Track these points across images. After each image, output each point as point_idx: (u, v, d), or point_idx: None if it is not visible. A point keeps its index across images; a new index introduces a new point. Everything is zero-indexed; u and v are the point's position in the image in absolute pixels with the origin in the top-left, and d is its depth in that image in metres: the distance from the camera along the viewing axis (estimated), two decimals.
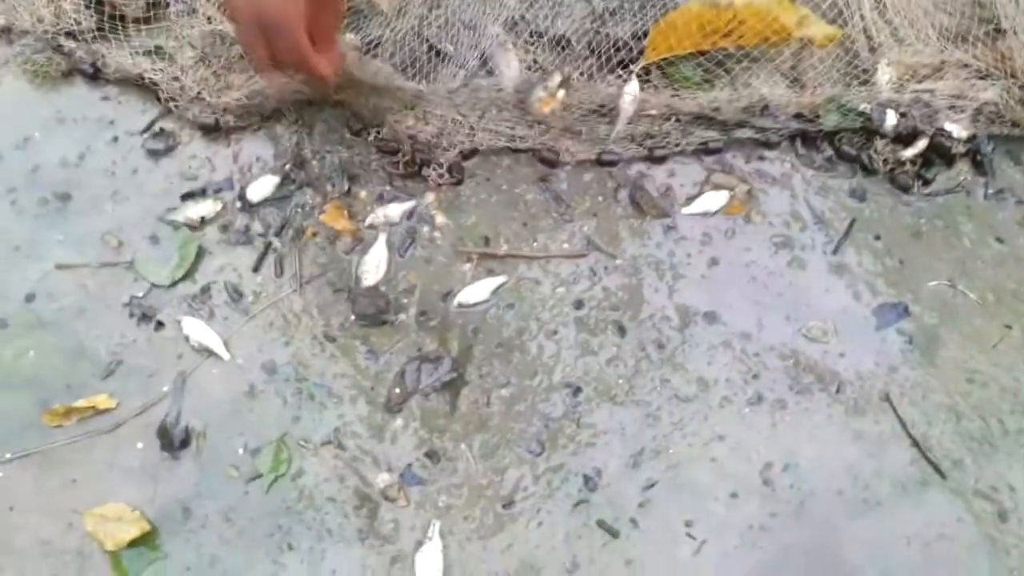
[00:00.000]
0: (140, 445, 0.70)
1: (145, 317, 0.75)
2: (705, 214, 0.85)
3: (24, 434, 0.69)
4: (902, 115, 0.88)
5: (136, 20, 0.89)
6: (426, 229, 0.82)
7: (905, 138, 0.88)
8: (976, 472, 0.74)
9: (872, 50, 0.93)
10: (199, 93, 0.83)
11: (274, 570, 0.66)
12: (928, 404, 0.77)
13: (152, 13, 0.90)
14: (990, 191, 0.89)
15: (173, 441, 0.69)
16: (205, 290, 0.77)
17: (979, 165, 0.90)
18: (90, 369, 0.72)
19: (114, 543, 0.65)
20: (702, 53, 0.90)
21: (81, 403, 0.70)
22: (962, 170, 0.89)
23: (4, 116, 0.83)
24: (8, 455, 0.69)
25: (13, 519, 0.66)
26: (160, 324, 0.75)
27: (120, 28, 0.88)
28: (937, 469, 0.74)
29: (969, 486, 0.73)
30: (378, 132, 0.85)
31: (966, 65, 0.92)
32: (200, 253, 0.78)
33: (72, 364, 0.72)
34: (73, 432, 0.70)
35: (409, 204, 0.82)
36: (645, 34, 0.91)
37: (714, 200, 0.85)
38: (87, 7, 0.87)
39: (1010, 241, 0.86)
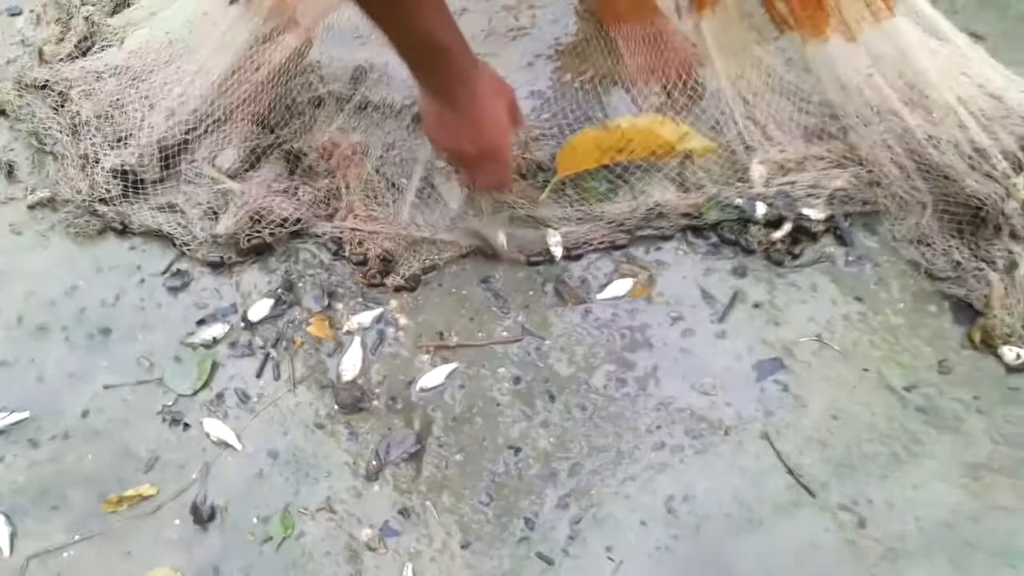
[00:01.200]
0: (177, 522, 0.91)
1: (175, 421, 0.97)
2: (615, 298, 1.07)
3: (87, 521, 0.91)
4: (769, 205, 1.11)
5: (153, 182, 1.14)
6: (391, 330, 1.04)
7: (774, 223, 1.11)
8: (839, 490, 0.94)
9: (747, 150, 1.16)
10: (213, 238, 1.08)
11: None
12: (799, 438, 0.97)
13: (164, 174, 1.15)
14: (850, 259, 1.11)
15: (202, 516, 0.91)
16: (220, 396, 0.99)
17: (840, 238, 1.12)
18: (135, 465, 0.94)
19: None
20: (605, 167, 1.14)
21: (130, 492, 0.92)
22: (825, 243, 1.11)
23: (54, 270, 1.08)
24: (76, 537, 0.90)
25: None
26: (187, 426, 0.97)
27: (140, 190, 1.12)
28: (808, 490, 0.94)
29: (834, 502, 0.93)
30: (353, 249, 1.09)
31: (822, 157, 1.15)
32: (214, 367, 1.01)
33: (121, 462, 0.95)
34: (125, 516, 0.91)
35: (377, 311, 1.05)
36: None
37: (622, 286, 1.07)
38: (114, 177, 1.12)
39: (867, 299, 1.07)
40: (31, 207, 1.13)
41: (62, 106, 1.18)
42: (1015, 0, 1.37)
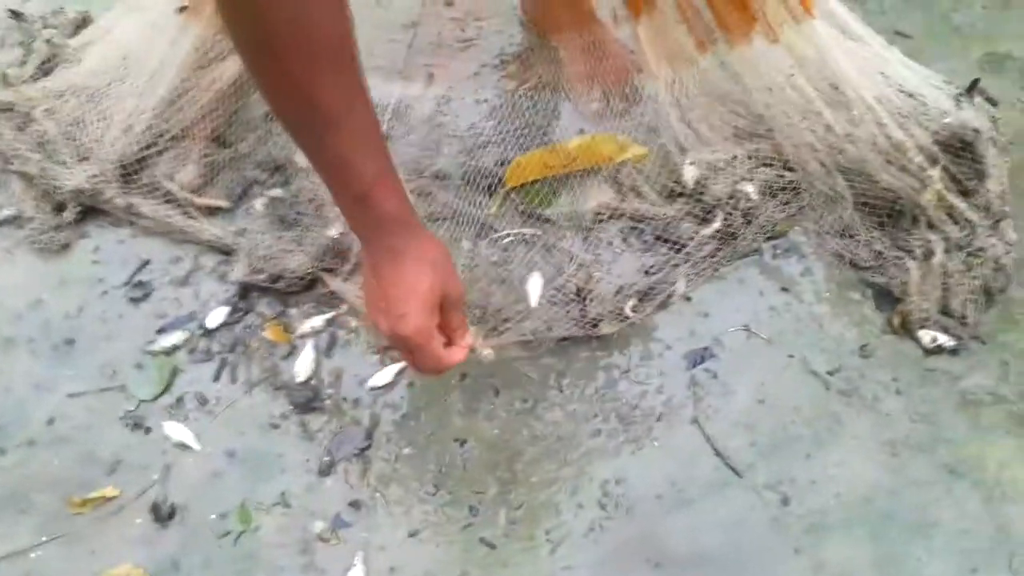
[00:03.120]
0: (139, 521, 0.96)
1: (136, 425, 1.02)
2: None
3: (53, 522, 0.96)
4: (696, 202, 1.16)
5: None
6: (343, 333, 1.10)
7: (705, 219, 1.16)
8: (765, 470, 1.00)
9: (681, 152, 1.22)
10: None
11: None
12: (727, 423, 1.03)
13: (127, 191, 1.19)
14: (777, 252, 1.17)
15: (163, 515, 0.95)
16: (180, 400, 1.04)
17: (776, 229, 1.17)
18: (99, 468, 0.99)
19: None
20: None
21: (94, 495, 0.96)
22: (753, 238, 1.16)
23: (20, 284, 1.13)
24: (43, 538, 0.95)
25: None
26: (148, 429, 1.02)
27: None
28: (735, 471, 1.00)
29: (760, 482, 0.99)
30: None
31: (750, 156, 1.20)
32: (174, 372, 1.06)
33: (85, 466, 0.99)
34: (89, 517, 0.96)
35: (329, 315, 1.10)
36: (505, 161, 1.20)
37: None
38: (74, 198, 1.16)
39: (793, 290, 1.13)
40: None
41: (28, 126, 1.22)
42: (940, 1, 1.44)
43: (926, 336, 1.08)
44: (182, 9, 1.16)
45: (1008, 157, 1.20)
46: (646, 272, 1.13)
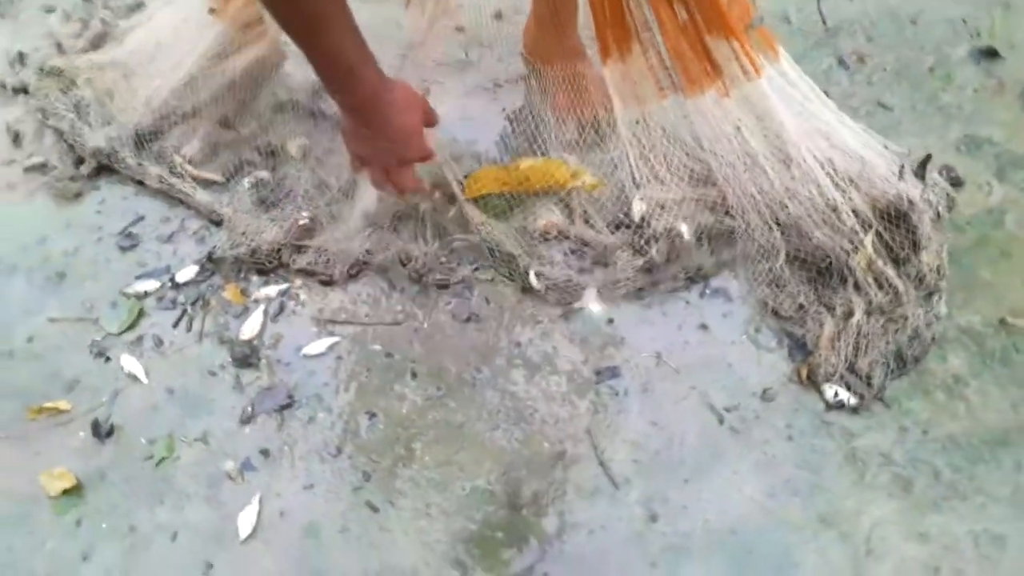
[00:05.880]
0: (81, 434, 1.12)
1: (99, 354, 1.19)
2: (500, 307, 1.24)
3: (12, 423, 1.13)
4: (636, 235, 1.27)
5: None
6: (292, 303, 1.25)
7: (639, 250, 1.26)
8: (641, 487, 1.08)
9: (636, 187, 1.33)
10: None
11: (149, 516, 1.06)
12: (617, 438, 1.12)
13: (139, 153, 1.39)
14: (705, 292, 1.26)
15: (101, 432, 1.12)
16: (140, 338, 1.21)
17: (700, 272, 1.27)
18: (59, 385, 1.17)
19: (54, 491, 1.07)
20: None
21: (48, 405, 1.14)
22: (682, 275, 1.26)
23: (33, 222, 1.33)
24: (1, 435, 1.12)
25: None
26: (108, 359, 1.19)
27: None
28: (612, 482, 1.09)
29: (633, 497, 1.08)
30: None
31: (697, 200, 1.30)
32: (140, 314, 1.23)
33: (49, 382, 1.17)
34: (42, 424, 1.13)
35: (284, 286, 1.26)
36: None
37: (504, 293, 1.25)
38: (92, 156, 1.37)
39: (711, 328, 1.22)
40: (26, 169, 1.39)
41: (70, 90, 1.43)
42: (929, 79, 1.50)
43: (829, 390, 1.15)
44: (212, 10, 1.35)
45: (949, 234, 1.26)
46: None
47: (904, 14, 1.60)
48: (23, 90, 1.48)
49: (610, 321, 1.23)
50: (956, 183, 1.36)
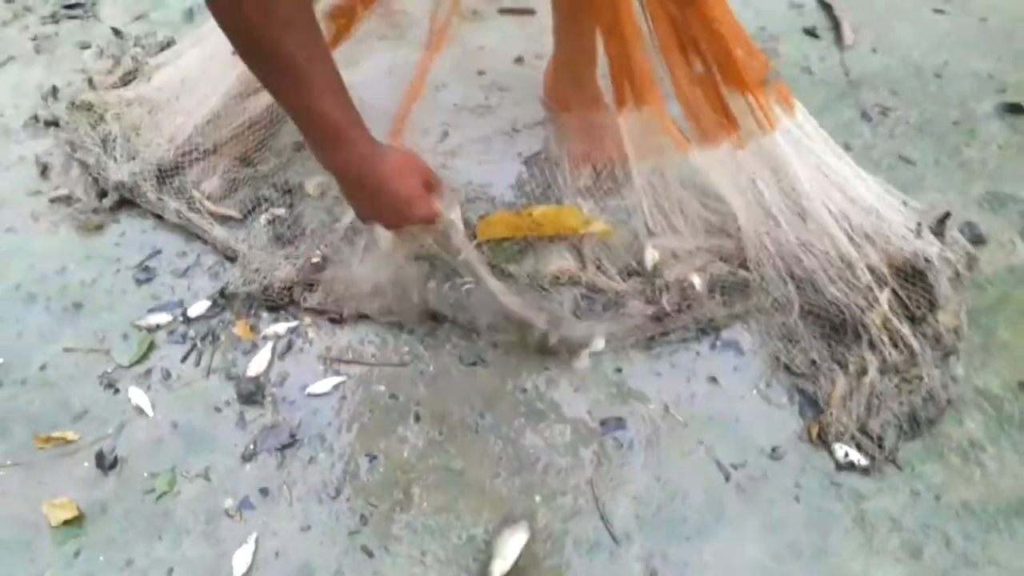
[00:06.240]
0: (86, 464, 1.14)
1: (109, 385, 1.21)
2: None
3: (21, 450, 1.15)
4: (650, 283, 1.26)
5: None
6: (300, 341, 1.26)
7: (652, 300, 1.26)
8: (641, 543, 1.06)
9: (649, 235, 1.32)
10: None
11: (147, 550, 1.06)
12: (619, 492, 1.11)
13: (160, 189, 1.42)
14: (716, 344, 1.24)
15: (105, 464, 1.13)
16: (148, 371, 1.23)
17: (712, 324, 1.25)
18: (68, 414, 1.18)
19: (56, 520, 1.08)
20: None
21: (56, 434, 1.15)
22: (689, 325, 1.25)
23: (54, 252, 1.36)
24: (9, 462, 1.14)
25: (3, 500, 1.11)
26: (117, 390, 1.21)
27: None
28: (612, 536, 1.07)
29: (633, 553, 1.06)
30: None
31: (710, 250, 1.29)
32: (151, 347, 1.25)
33: (59, 410, 1.19)
34: (49, 452, 1.15)
35: (293, 324, 1.27)
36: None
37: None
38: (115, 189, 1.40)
39: (721, 381, 1.21)
40: (52, 201, 1.43)
41: (98, 125, 1.48)
42: (953, 134, 1.49)
43: (840, 450, 1.12)
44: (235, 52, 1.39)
45: (969, 293, 1.24)
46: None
47: (928, 67, 1.59)
48: (54, 123, 1.53)
49: (618, 370, 1.22)
50: (978, 240, 1.34)
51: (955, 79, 1.57)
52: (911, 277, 1.20)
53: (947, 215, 1.26)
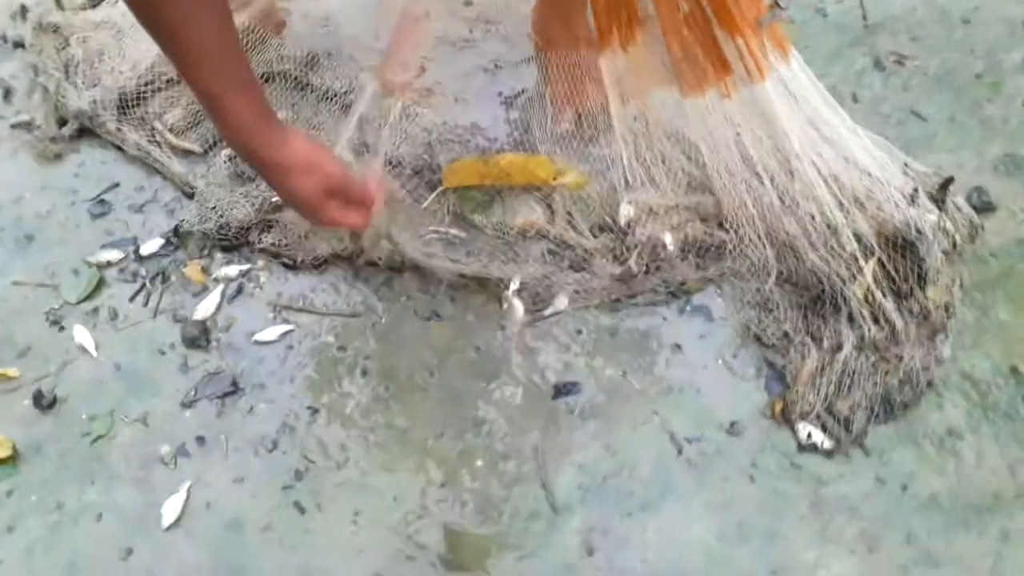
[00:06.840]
0: (25, 402, 1.12)
1: (54, 322, 1.19)
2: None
3: None
4: (618, 241, 1.19)
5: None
6: (251, 286, 1.21)
7: (621, 259, 1.18)
8: (582, 516, 1.02)
9: (627, 188, 1.24)
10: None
11: (78, 494, 1.05)
12: (565, 460, 1.06)
13: (120, 118, 1.37)
14: (686, 309, 1.17)
15: (43, 403, 1.11)
16: (95, 309, 1.20)
17: (682, 287, 1.18)
18: (11, 350, 1.17)
19: None
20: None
21: None
22: (658, 287, 1.17)
23: (11, 181, 1.33)
24: None
25: None
26: (62, 328, 1.18)
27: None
28: (553, 507, 1.03)
29: (573, 525, 1.01)
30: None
31: (688, 208, 1.21)
32: (100, 284, 1.22)
33: (3, 345, 1.17)
34: None
35: (245, 267, 1.23)
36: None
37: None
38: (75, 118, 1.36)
39: (685, 348, 1.14)
40: (12, 126, 1.39)
41: (64, 49, 1.42)
42: (974, 87, 1.36)
43: (804, 430, 1.06)
44: None
45: (969, 266, 1.14)
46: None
47: (956, 12, 1.45)
48: (21, 45, 1.48)
49: (578, 332, 1.16)
50: (986, 208, 1.23)
51: (984, 26, 1.43)
52: (901, 248, 1.10)
53: (949, 180, 1.15)
